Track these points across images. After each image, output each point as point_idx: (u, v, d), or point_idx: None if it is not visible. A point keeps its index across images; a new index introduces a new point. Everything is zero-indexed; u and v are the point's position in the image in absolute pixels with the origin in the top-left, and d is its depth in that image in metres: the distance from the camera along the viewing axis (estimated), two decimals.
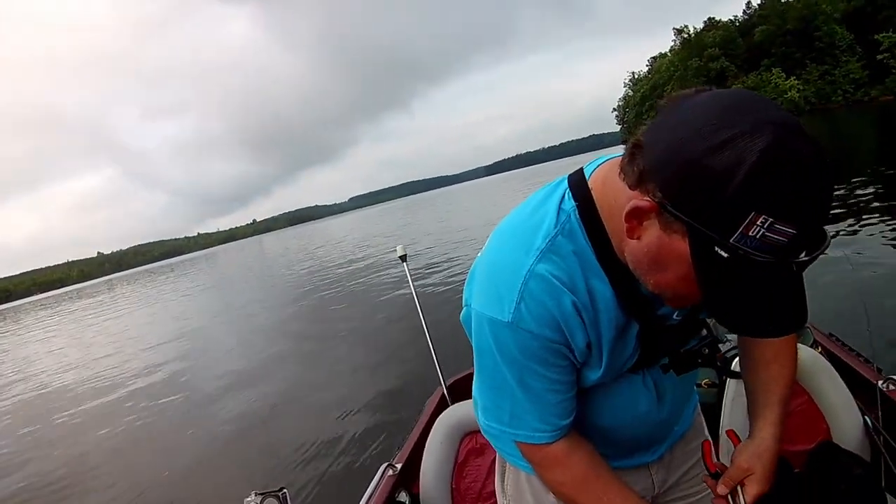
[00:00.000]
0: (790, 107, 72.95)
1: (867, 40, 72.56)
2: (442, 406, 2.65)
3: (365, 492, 2.21)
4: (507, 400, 0.96)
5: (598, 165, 0.90)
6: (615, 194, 0.81)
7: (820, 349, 2.36)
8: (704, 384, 2.29)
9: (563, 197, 0.89)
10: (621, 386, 1.03)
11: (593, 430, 1.07)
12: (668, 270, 0.76)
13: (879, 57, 70.40)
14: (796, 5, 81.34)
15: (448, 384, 2.87)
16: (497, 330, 0.88)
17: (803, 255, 0.67)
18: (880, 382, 2.08)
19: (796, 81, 77.29)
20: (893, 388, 2.06)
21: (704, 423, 1.37)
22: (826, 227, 0.70)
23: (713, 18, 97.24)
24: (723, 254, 0.66)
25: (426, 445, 2.30)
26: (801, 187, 0.63)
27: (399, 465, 2.40)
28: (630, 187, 0.76)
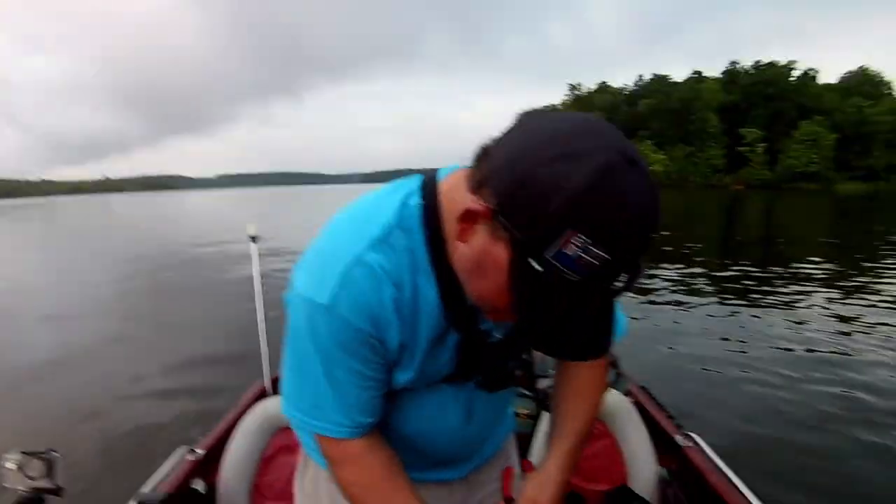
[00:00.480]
0: (654, 178, 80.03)
1: (733, 132, 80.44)
2: (261, 398, 2.52)
3: (155, 472, 2.03)
4: (310, 387, 0.90)
5: (455, 169, 0.86)
6: (459, 198, 0.78)
7: (631, 399, 2.50)
8: (523, 414, 2.29)
9: (411, 193, 0.86)
10: (432, 395, 1.00)
11: (398, 436, 1.04)
12: (488, 278, 0.75)
13: (740, 149, 78.10)
14: (682, 87, 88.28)
15: (272, 377, 2.74)
16: (312, 312, 0.83)
17: (615, 282, 0.68)
18: (677, 436, 2.27)
19: (664, 157, 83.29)
20: (690, 444, 2.23)
21: (515, 450, 1.36)
22: (641, 262, 0.71)
23: (605, 83, 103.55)
24: (537, 267, 0.66)
25: (233, 435, 2.16)
26: (623, 216, 0.63)
27: (201, 452, 2.22)
28: (470, 192, 0.74)
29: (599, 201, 0.62)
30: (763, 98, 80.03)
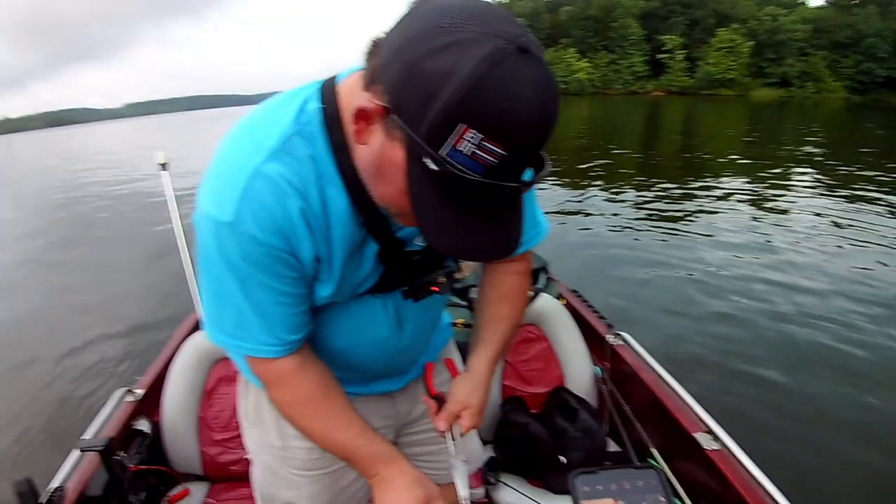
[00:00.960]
0: (577, 86, 79.73)
1: (653, 39, 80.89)
2: (194, 331, 2.38)
3: (96, 417, 2.00)
4: (230, 308, 0.87)
5: (356, 70, 0.80)
6: (356, 98, 0.73)
7: (564, 302, 2.57)
8: (459, 324, 2.25)
9: (309, 98, 0.82)
10: (359, 307, 0.99)
11: (330, 352, 1.03)
12: (389, 180, 0.72)
13: (660, 56, 78.90)
14: None
15: None
16: (218, 231, 0.80)
17: (517, 179, 0.66)
18: (609, 337, 2.36)
19: (587, 64, 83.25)
20: (621, 343, 2.34)
21: (456, 360, 1.36)
22: (544, 155, 0.69)
23: None
24: (432, 166, 0.64)
25: (171, 371, 2.16)
26: (515, 107, 0.60)
27: (140, 392, 2.20)
28: (364, 88, 0.71)
29: (488, 93, 0.59)
30: (682, 5, 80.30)
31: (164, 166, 2.80)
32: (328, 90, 0.82)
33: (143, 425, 2.11)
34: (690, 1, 79.67)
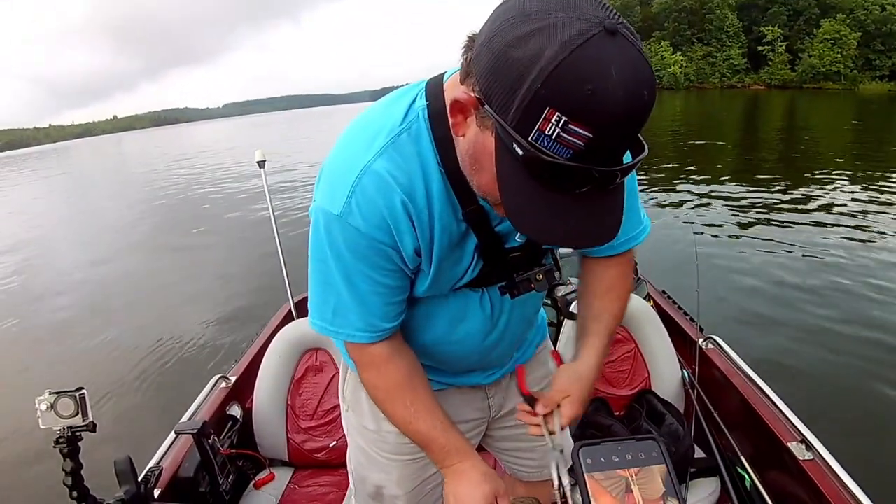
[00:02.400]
0: (671, 80, 77.33)
1: (752, 31, 77.34)
2: (286, 322, 2.49)
3: (193, 402, 2.10)
4: (332, 296, 0.93)
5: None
6: (455, 91, 0.75)
7: (652, 303, 2.52)
8: None
9: (417, 96, 0.85)
10: (457, 300, 1.01)
11: (425, 343, 1.07)
12: (485, 169, 0.72)
13: (760, 48, 75.26)
14: None
15: (296, 300, 2.76)
16: (328, 223, 0.86)
17: (606, 163, 0.64)
18: (700, 340, 2.27)
19: (681, 57, 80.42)
20: (711, 346, 2.26)
21: (551, 358, 1.37)
22: (642, 140, 0.68)
23: None
24: (519, 151, 0.63)
25: (263, 359, 2.24)
26: (599, 89, 0.58)
27: (234, 378, 2.30)
28: (461, 82, 0.73)
29: (572, 75, 0.58)
30: None
31: (261, 164, 2.94)
32: (434, 87, 0.84)
33: (235, 411, 2.21)
34: None
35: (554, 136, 0.61)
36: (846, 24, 68.25)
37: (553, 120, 0.60)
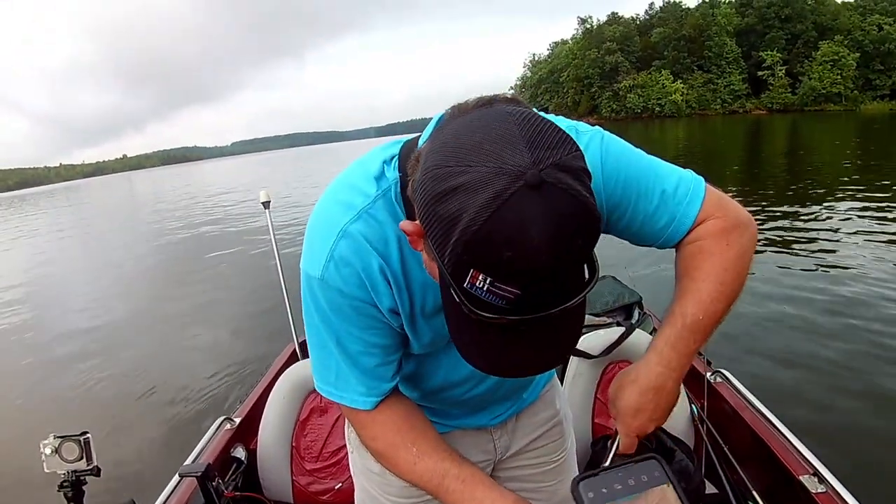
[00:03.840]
0: (673, 108, 77.87)
1: (752, 56, 78.02)
2: (291, 362, 2.51)
3: (197, 444, 2.08)
4: (331, 361, 0.92)
5: (439, 127, 0.74)
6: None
7: None
8: None
9: (393, 162, 0.85)
10: (454, 353, 0.85)
11: (426, 389, 1.06)
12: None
13: (760, 73, 75.80)
14: (695, 13, 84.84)
15: (300, 340, 2.74)
16: (311, 285, 0.87)
17: (544, 306, 0.62)
18: (708, 374, 2.24)
19: (682, 85, 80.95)
20: (720, 380, 2.23)
21: (558, 398, 1.34)
22: (594, 260, 0.66)
23: (616, 13, 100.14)
24: (456, 298, 0.63)
25: (268, 401, 2.23)
26: (519, 254, 0.57)
27: (238, 420, 2.28)
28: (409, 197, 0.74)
29: (490, 241, 0.57)
30: (780, 20, 76.95)
31: (266, 205, 2.95)
32: (406, 157, 0.83)
33: (240, 453, 2.19)
34: (789, 15, 76.37)
35: (485, 289, 0.60)
36: (844, 46, 68.90)
37: (480, 277, 0.59)
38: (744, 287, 0.93)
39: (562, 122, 0.87)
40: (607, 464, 0.94)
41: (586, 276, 0.66)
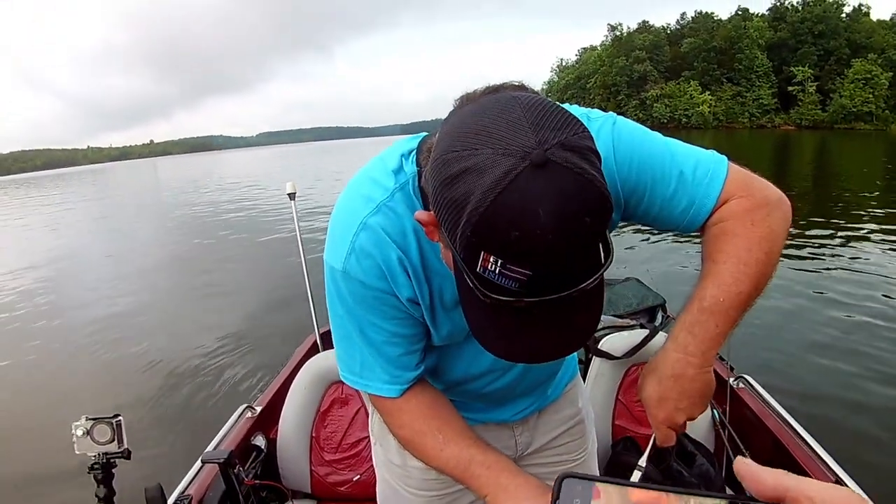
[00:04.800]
0: (700, 120, 77.18)
1: (782, 71, 77.18)
2: (312, 353, 2.51)
3: (218, 432, 2.10)
4: (355, 350, 0.94)
5: (448, 117, 0.76)
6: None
7: None
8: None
9: (411, 156, 0.86)
10: (475, 344, 0.84)
11: (448, 381, 1.07)
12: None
13: (790, 89, 74.95)
14: (726, 25, 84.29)
15: (322, 331, 2.76)
16: (335, 277, 0.88)
17: (557, 289, 0.61)
18: (731, 379, 2.20)
19: (710, 97, 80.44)
20: (742, 385, 2.23)
21: (580, 397, 1.34)
22: (609, 243, 0.65)
23: (647, 22, 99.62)
24: (469, 282, 0.64)
25: (289, 391, 2.25)
26: (526, 233, 0.57)
27: (259, 408, 2.30)
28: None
29: (499, 221, 0.57)
30: (813, 35, 76.10)
31: (292, 196, 2.97)
32: (422, 151, 0.85)
33: (260, 441, 2.21)
34: (822, 31, 75.47)
35: (497, 272, 0.61)
36: (877, 64, 67.97)
37: (491, 260, 0.60)
38: (775, 268, 0.88)
39: (575, 109, 0.86)
40: (644, 458, 0.95)
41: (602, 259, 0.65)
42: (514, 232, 0.57)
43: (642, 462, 0.98)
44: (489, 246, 0.59)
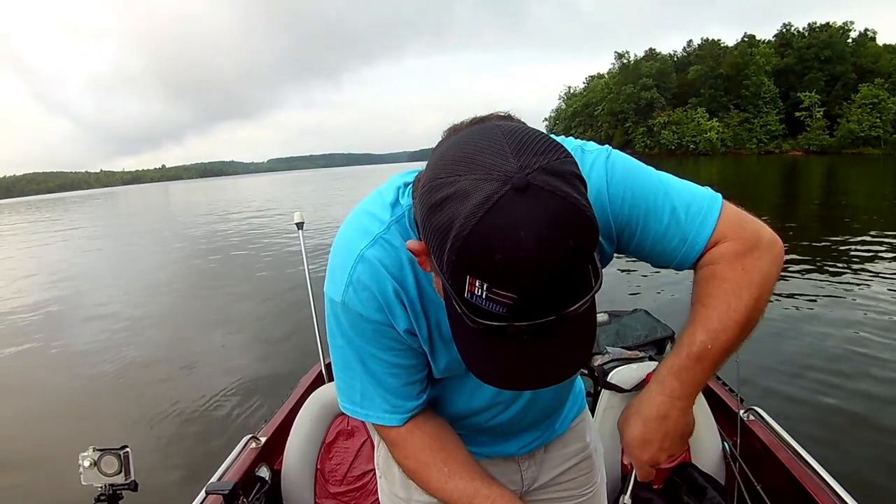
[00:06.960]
0: (707, 146, 77.32)
1: (789, 96, 77.39)
2: (317, 383, 2.53)
3: (223, 462, 2.08)
4: (356, 380, 0.94)
5: (436, 147, 0.79)
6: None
7: None
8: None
9: (404, 190, 0.88)
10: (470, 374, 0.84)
11: (451, 414, 1.05)
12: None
13: (798, 114, 75.09)
14: (733, 52, 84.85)
15: (327, 362, 2.68)
16: (335, 309, 0.89)
17: (543, 313, 0.62)
18: (741, 412, 2.21)
19: (718, 124, 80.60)
20: (753, 418, 2.20)
21: (589, 431, 1.31)
22: (598, 267, 0.65)
23: (653, 49, 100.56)
24: (458, 309, 0.65)
25: (294, 422, 2.23)
26: (510, 256, 0.57)
27: (263, 439, 2.28)
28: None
29: (479, 246, 0.58)
30: (819, 61, 76.47)
31: (300, 226, 2.98)
32: (418, 184, 0.83)
33: (264, 472, 2.19)
34: (829, 56, 75.85)
35: (484, 296, 0.61)
36: (885, 89, 68.09)
37: (477, 284, 0.60)
38: (763, 313, 0.88)
39: (569, 142, 0.87)
40: (627, 494, 0.98)
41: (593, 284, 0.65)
42: (496, 255, 0.57)
43: (626, 500, 1.00)
44: (474, 270, 0.59)
